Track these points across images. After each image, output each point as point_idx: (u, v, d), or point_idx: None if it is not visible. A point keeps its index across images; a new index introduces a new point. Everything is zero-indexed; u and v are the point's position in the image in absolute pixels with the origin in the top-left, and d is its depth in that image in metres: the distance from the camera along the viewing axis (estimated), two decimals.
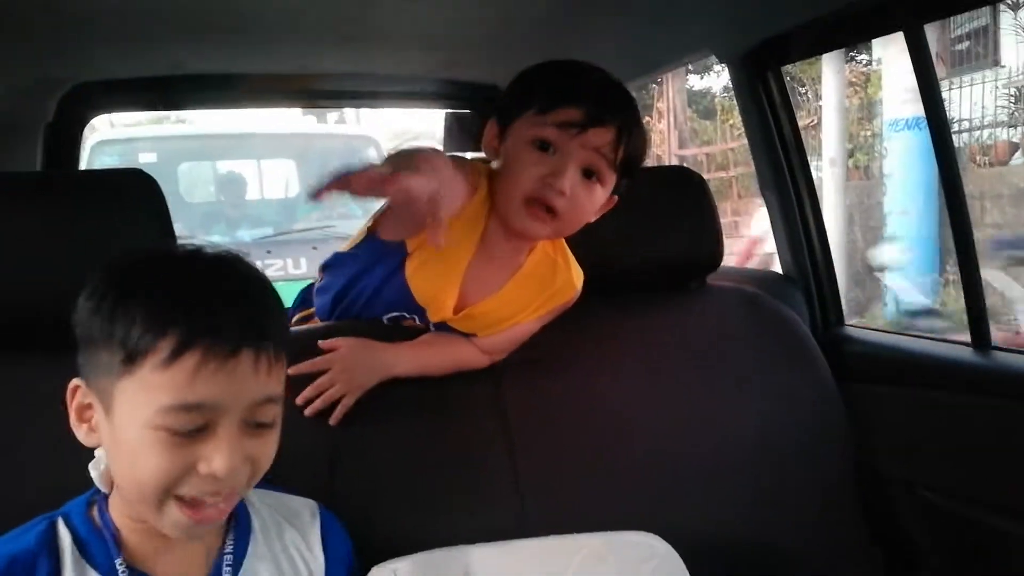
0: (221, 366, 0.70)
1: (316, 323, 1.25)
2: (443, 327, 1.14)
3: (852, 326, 1.55)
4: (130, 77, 1.95)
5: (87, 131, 2.25)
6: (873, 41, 7.39)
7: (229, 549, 0.82)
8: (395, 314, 1.15)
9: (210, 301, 0.72)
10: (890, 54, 6.08)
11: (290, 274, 3.54)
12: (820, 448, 1.25)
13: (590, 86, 1.04)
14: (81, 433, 0.76)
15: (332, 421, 1.05)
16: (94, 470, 0.78)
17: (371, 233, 1.16)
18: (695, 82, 11.75)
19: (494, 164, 1.09)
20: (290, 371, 0.83)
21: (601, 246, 1.23)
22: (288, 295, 1.40)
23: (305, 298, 1.32)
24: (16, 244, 0.97)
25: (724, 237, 1.35)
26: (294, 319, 1.32)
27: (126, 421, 0.71)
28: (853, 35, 1.49)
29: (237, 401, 0.72)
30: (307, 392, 1.04)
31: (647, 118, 11.52)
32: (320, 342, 1.08)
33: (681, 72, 10.58)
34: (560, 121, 1.00)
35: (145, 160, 3.99)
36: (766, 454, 1.22)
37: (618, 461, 1.16)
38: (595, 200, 1.06)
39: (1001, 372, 1.21)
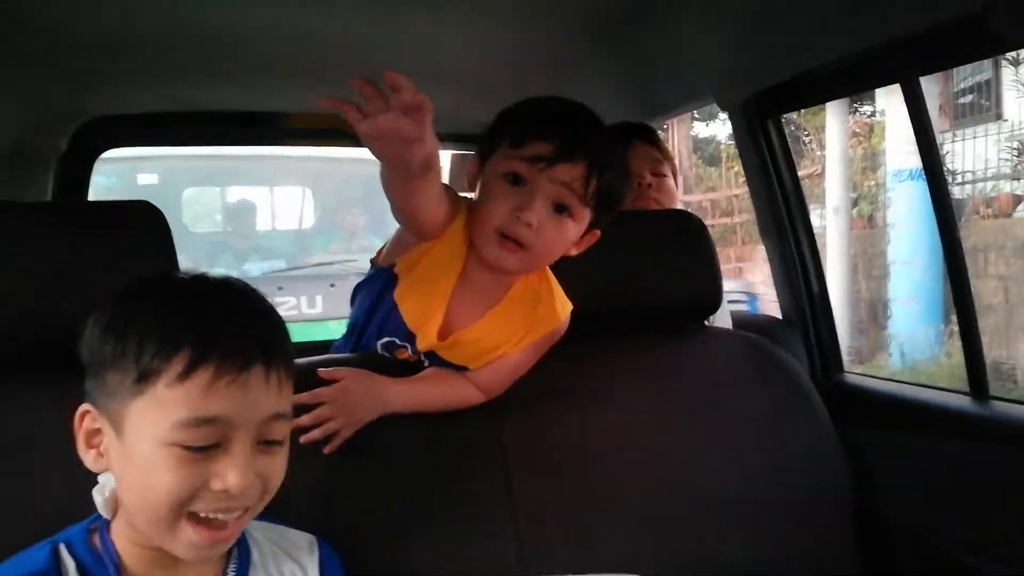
0: (234, 380, 0.71)
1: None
2: (433, 357, 1.15)
3: (851, 373, 1.55)
4: (145, 112, 1.99)
5: None
6: (876, 92, 7.51)
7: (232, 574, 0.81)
8: (388, 339, 1.17)
9: (219, 318, 0.73)
10: (893, 105, 6.16)
11: (304, 314, 3.20)
12: (819, 493, 1.25)
13: (561, 121, 1.05)
14: (89, 459, 0.76)
15: (326, 450, 1.05)
16: (98, 495, 0.78)
17: (373, 263, 1.19)
18: (700, 129, 11.89)
19: (473, 196, 1.11)
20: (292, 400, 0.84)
21: (602, 287, 1.24)
22: (302, 337, 1.40)
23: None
24: (23, 272, 0.99)
25: (729, 282, 1.36)
26: None
27: (139, 440, 0.71)
28: (851, 86, 1.52)
29: (250, 416, 0.72)
30: (304, 420, 1.04)
31: None
32: (321, 371, 1.08)
33: (687, 119, 10.72)
34: (529, 155, 1.02)
35: (145, 182, 3.73)
36: (764, 497, 1.21)
37: (616, 501, 1.16)
38: (565, 235, 1.07)
39: (999, 422, 1.21)
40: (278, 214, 4.18)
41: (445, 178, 2.42)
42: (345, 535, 0.98)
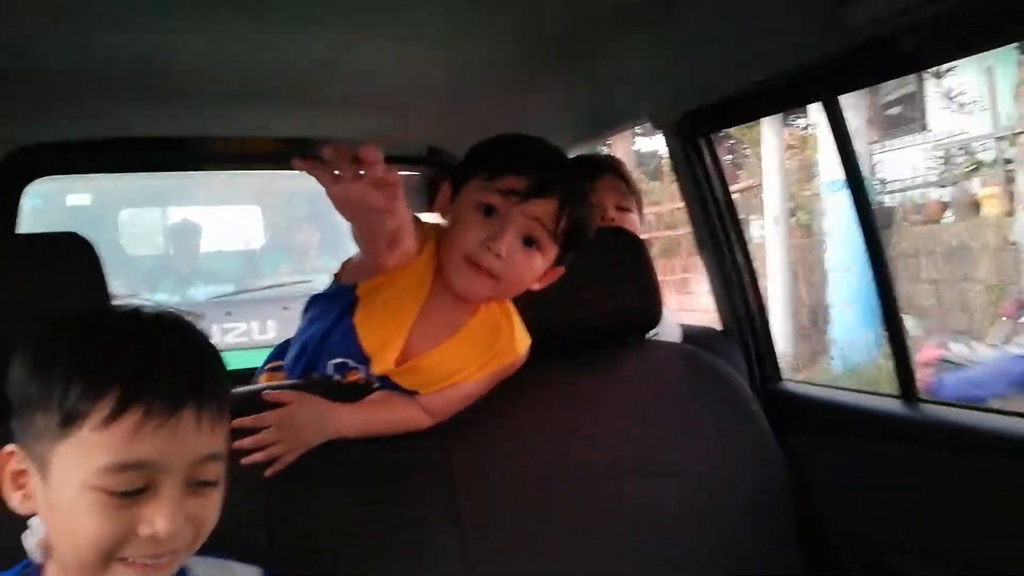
0: (162, 424, 0.69)
1: (282, 377, 1.25)
2: (386, 381, 1.15)
3: (789, 380, 1.59)
4: (76, 139, 1.94)
5: None
6: (808, 107, 7.76)
7: None
8: (340, 360, 1.16)
9: (149, 359, 0.71)
10: (824, 118, 6.36)
11: (255, 340, 3.03)
12: (761, 500, 1.28)
13: (536, 158, 1.09)
14: (15, 501, 0.74)
15: (268, 473, 1.04)
16: (29, 539, 0.76)
17: (335, 278, 1.18)
18: (642, 144, 12.08)
19: (444, 223, 1.13)
20: (234, 423, 0.82)
21: (542, 305, 1.25)
22: (253, 364, 1.36)
23: (280, 350, 1.32)
24: None
25: (676, 293, 1.38)
26: (261, 374, 1.32)
27: (64, 484, 0.69)
28: (776, 106, 1.58)
29: (179, 460, 0.71)
30: (245, 442, 1.02)
31: None
32: (266, 394, 1.07)
33: (629, 134, 10.89)
34: (504, 188, 1.06)
35: (75, 203, 3.51)
36: (709, 507, 1.23)
37: (563, 520, 1.17)
38: (533, 267, 1.10)
39: (927, 423, 1.26)
40: (224, 234, 3.96)
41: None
42: (289, 563, 0.97)
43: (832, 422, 1.40)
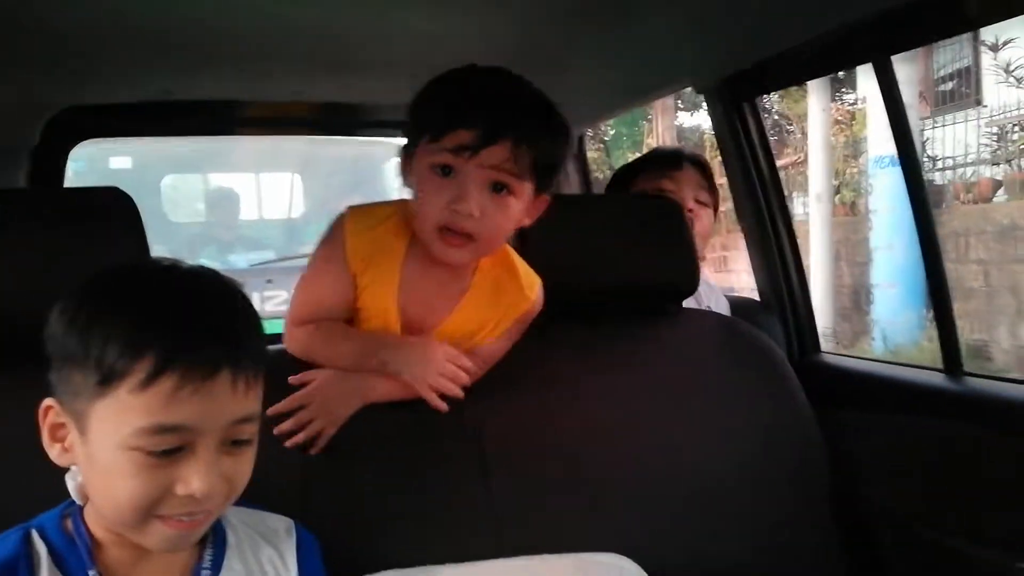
0: (199, 388, 0.69)
1: None
2: None
3: (828, 353, 1.56)
4: (118, 102, 1.96)
5: None
6: (858, 80, 7.55)
7: (207, 563, 0.81)
8: None
9: (187, 321, 0.71)
10: (874, 92, 6.19)
11: None
12: (797, 472, 1.25)
13: (479, 105, 1.00)
14: (54, 452, 0.75)
15: (313, 451, 1.05)
16: (71, 481, 0.77)
17: None
18: (684, 119, 11.91)
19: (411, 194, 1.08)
20: (268, 412, 0.83)
21: (580, 269, 1.24)
22: None
23: None
24: None
25: (715, 271, 1.36)
26: None
27: (101, 443, 0.70)
28: (824, 67, 1.53)
29: (215, 422, 0.71)
30: (286, 425, 1.03)
31: (637, 154, 11.65)
32: (291, 378, 1.06)
33: (671, 109, 10.73)
34: (451, 146, 0.99)
35: (117, 166, 3.53)
36: (742, 480, 1.21)
37: (593, 484, 1.16)
38: (510, 214, 1.04)
39: (972, 397, 1.22)
40: (265, 202, 3.98)
41: None
42: (320, 522, 0.98)
43: (872, 395, 1.37)
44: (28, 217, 1.02)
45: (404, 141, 1.08)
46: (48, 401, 0.74)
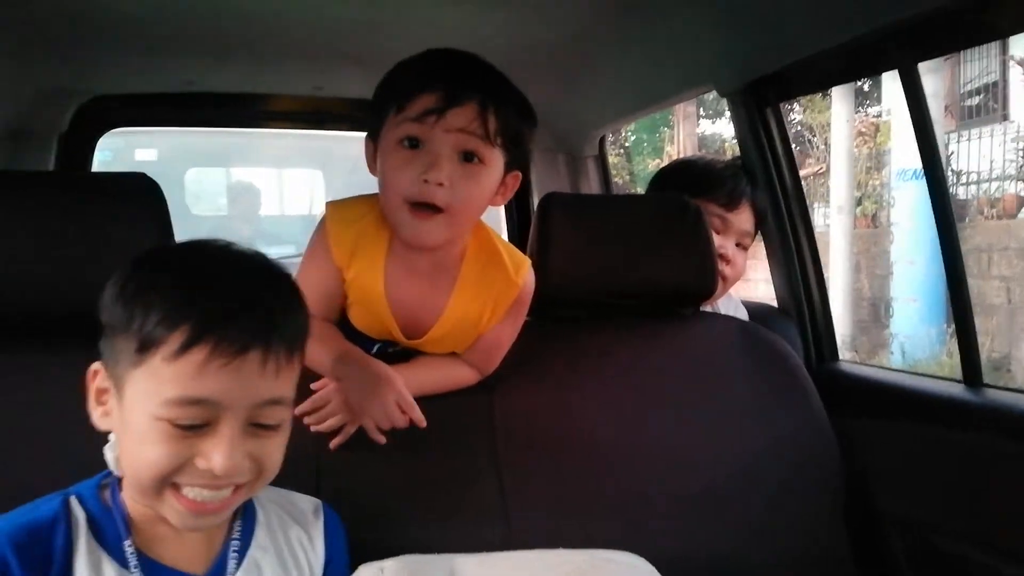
0: (228, 363, 0.71)
1: None
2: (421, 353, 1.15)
3: (846, 361, 1.55)
4: (146, 92, 2.00)
5: None
6: (883, 92, 7.49)
7: (236, 539, 0.83)
8: (379, 345, 1.17)
9: (226, 297, 0.73)
10: (900, 104, 6.14)
11: None
12: (811, 478, 1.25)
13: (441, 69, 0.99)
14: (96, 415, 0.78)
15: (332, 446, 1.06)
16: (109, 452, 0.79)
17: None
18: (706, 126, 11.86)
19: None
20: (296, 411, 0.85)
21: (598, 269, 1.25)
22: None
23: None
24: (17, 241, 1.00)
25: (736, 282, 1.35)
26: None
27: (134, 409, 0.73)
28: (848, 73, 1.52)
29: (241, 400, 0.72)
30: (310, 420, 1.05)
31: (657, 160, 11.63)
32: (312, 386, 1.07)
33: (692, 116, 10.69)
34: (417, 113, 0.97)
35: (143, 158, 3.57)
36: (755, 483, 1.21)
37: (605, 482, 1.16)
38: (482, 184, 1.02)
39: (992, 409, 1.21)
40: (287, 198, 4.01)
41: None
42: (336, 508, 0.99)
43: (889, 404, 1.36)
44: (56, 200, 1.04)
45: None
46: (96, 365, 0.77)
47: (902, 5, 1.11)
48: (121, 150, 3.44)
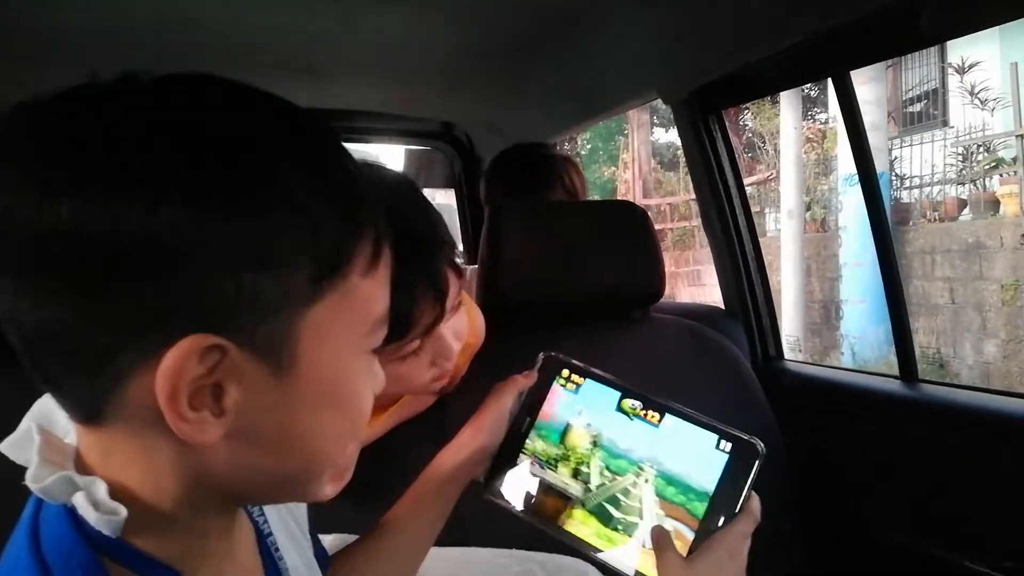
0: (387, 259, 0.55)
1: None
2: None
3: (790, 360, 1.59)
4: None
5: None
6: (830, 99, 7.69)
7: (266, 530, 0.66)
8: None
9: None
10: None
11: None
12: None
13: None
14: (188, 425, 0.44)
15: None
16: (92, 510, 0.51)
17: None
18: (660, 135, 12.03)
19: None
20: None
21: (547, 276, 1.26)
22: None
23: None
24: None
25: (688, 285, 1.37)
26: None
27: (323, 360, 0.49)
28: (786, 81, 1.56)
29: None
30: None
31: (612, 168, 11.76)
32: None
33: (646, 125, 10.85)
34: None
35: None
36: None
37: None
38: (418, 364, 1.01)
39: (927, 403, 1.25)
40: None
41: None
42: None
43: (832, 400, 1.40)
44: None
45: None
46: (186, 342, 0.42)
47: (833, 12, 1.15)
48: None
